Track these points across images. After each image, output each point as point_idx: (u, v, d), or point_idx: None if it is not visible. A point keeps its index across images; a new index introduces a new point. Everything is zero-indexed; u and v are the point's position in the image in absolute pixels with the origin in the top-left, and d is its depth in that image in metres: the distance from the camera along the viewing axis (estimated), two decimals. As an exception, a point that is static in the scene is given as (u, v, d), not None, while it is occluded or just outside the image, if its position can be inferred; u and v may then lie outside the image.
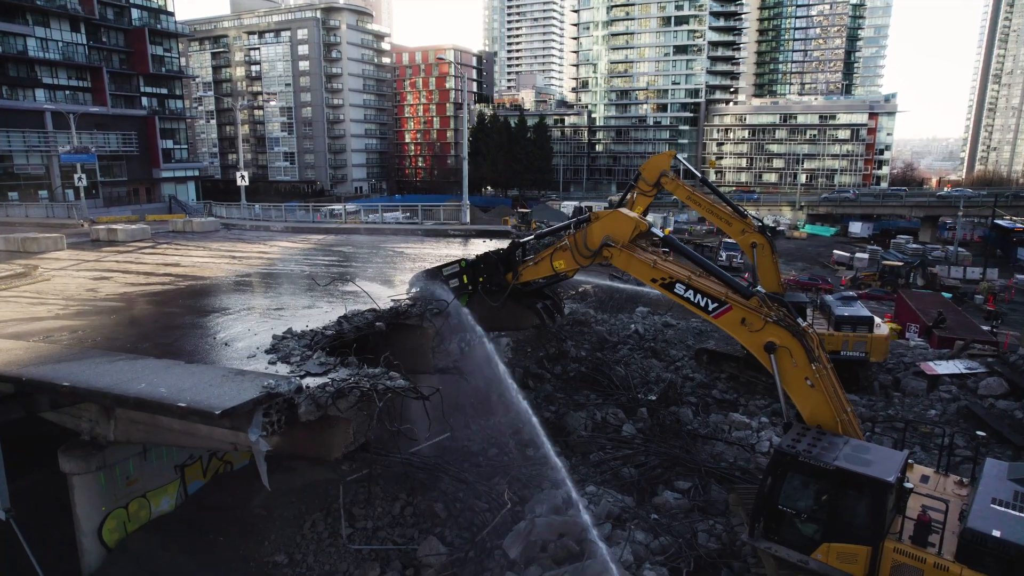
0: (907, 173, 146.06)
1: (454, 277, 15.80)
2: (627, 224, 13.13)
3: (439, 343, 15.58)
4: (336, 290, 18.08)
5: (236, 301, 17.39)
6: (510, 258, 15.89)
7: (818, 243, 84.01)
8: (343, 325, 14.43)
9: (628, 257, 13.02)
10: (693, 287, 11.97)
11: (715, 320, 11.83)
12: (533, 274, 15.40)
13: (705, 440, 17.32)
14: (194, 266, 23.74)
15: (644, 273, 12.76)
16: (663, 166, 22.72)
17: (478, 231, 31.54)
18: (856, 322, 20.15)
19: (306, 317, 15.15)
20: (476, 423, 18.55)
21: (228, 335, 13.94)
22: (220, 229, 37.90)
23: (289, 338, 13.46)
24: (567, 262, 14.35)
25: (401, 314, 15.33)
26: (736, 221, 21.73)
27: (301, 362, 11.85)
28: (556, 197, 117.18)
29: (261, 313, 15.81)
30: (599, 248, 13.42)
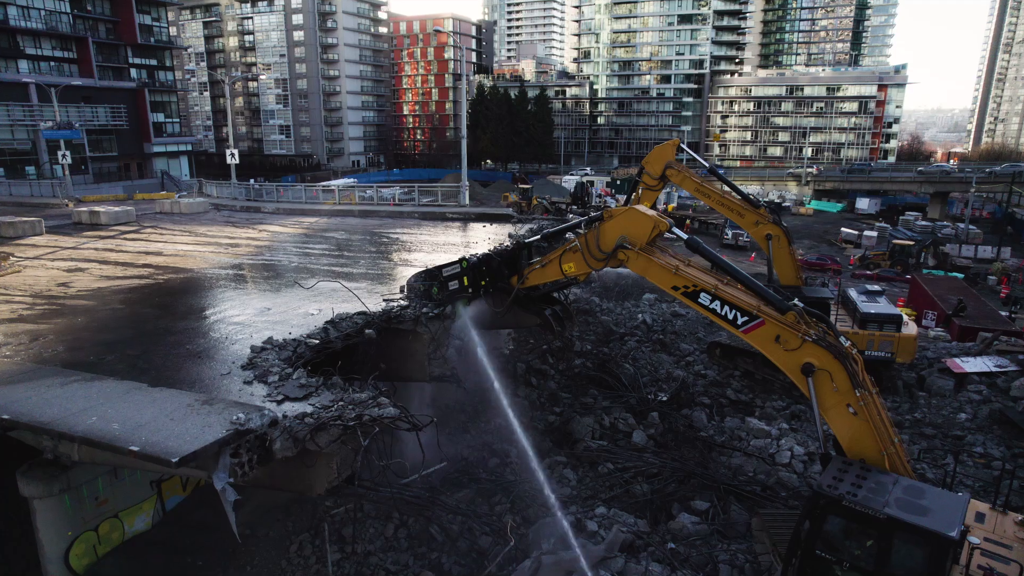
0: (914, 146, 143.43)
1: (454, 279, 14.43)
2: (645, 224, 11.77)
3: (435, 349, 14.31)
4: (324, 286, 16.74)
5: (216, 300, 16.08)
6: (515, 260, 14.47)
7: (825, 220, 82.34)
8: (329, 332, 13.15)
9: (646, 261, 11.68)
10: (720, 298, 10.66)
11: (744, 335, 10.54)
12: (540, 278, 14.06)
13: (721, 450, 16.17)
14: (177, 255, 22.36)
15: (664, 280, 11.44)
16: (667, 156, 21.18)
17: (477, 214, 30.07)
18: (883, 320, 18.86)
19: (290, 322, 13.85)
20: (475, 427, 17.40)
21: (203, 345, 12.65)
22: (209, 210, 36.42)
23: (269, 349, 12.19)
24: (578, 265, 12.99)
25: (393, 318, 14.04)
26: (749, 212, 20.30)
27: (280, 382, 10.59)
28: (557, 170, 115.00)
29: (241, 316, 14.50)
30: (614, 250, 12.08)
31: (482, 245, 22.70)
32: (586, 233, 12.70)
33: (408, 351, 14.33)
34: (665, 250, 12.13)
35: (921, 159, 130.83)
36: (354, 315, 14.03)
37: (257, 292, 16.75)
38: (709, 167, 21.56)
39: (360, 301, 14.46)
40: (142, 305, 15.89)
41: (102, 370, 11.26)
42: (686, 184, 21.01)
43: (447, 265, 14.65)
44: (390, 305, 14.74)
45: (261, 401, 9.94)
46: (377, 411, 9.52)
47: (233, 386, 10.53)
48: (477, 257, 14.69)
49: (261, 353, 11.97)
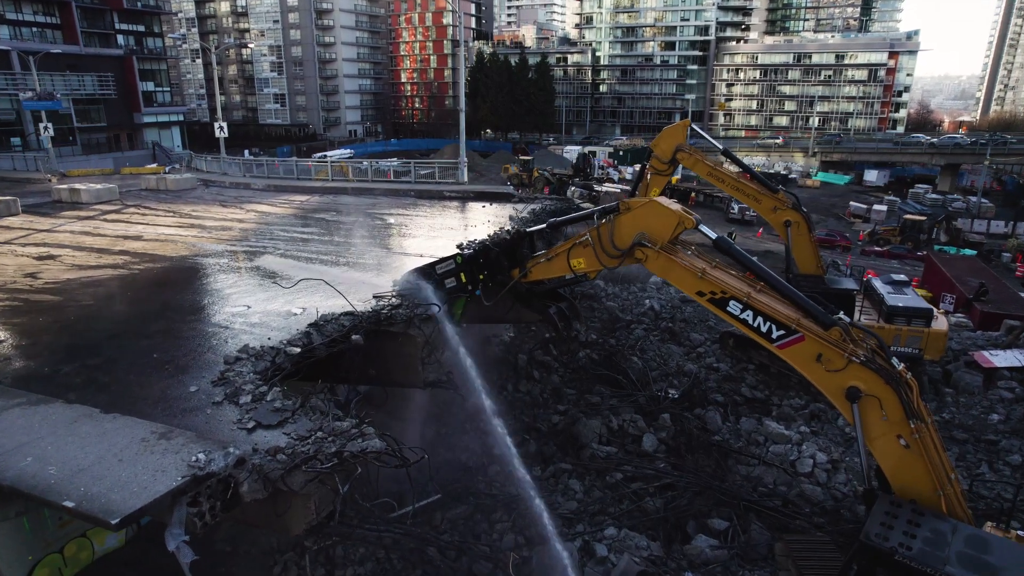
0: (923, 115, 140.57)
1: (450, 276, 13.12)
2: (667, 219, 10.43)
3: (429, 353, 13.09)
4: (310, 279, 15.44)
5: (192, 297, 14.81)
6: (516, 251, 13.12)
7: (832, 192, 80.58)
8: (312, 337, 11.90)
9: (668, 262, 10.37)
10: (753, 307, 9.39)
11: (780, 351, 9.31)
12: (545, 272, 12.68)
13: (738, 456, 15.08)
14: (157, 240, 21.01)
15: (688, 284, 10.15)
16: (678, 139, 19.64)
17: (476, 193, 28.60)
18: (912, 314, 17.59)
19: (270, 324, 12.60)
20: (475, 428, 16.28)
21: (172, 352, 11.41)
22: (197, 187, 34.91)
23: (245, 359, 10.96)
24: (588, 262, 11.64)
25: (384, 320, 12.78)
26: (766, 197, 18.90)
27: (253, 403, 9.39)
28: (557, 141, 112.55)
29: (219, 316, 13.25)
30: (631, 248, 10.74)
31: (481, 229, 21.34)
32: (599, 226, 11.32)
33: (400, 355, 13.11)
34: (689, 248, 10.80)
35: (929, 128, 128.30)
36: (340, 316, 12.77)
37: (238, 287, 15.46)
38: (723, 149, 20.06)
39: (347, 300, 13.17)
40: (113, 301, 14.62)
41: (56, 386, 10.06)
42: (698, 168, 19.54)
43: (441, 261, 13.34)
44: (380, 304, 13.48)
45: (230, 428, 8.76)
46: (361, 443, 8.33)
47: (200, 408, 9.33)
48: (473, 249, 13.26)
49: (235, 364, 10.75)
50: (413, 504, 9.81)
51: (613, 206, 11.24)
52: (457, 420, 16.76)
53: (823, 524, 12.42)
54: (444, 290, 13.27)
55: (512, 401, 18.67)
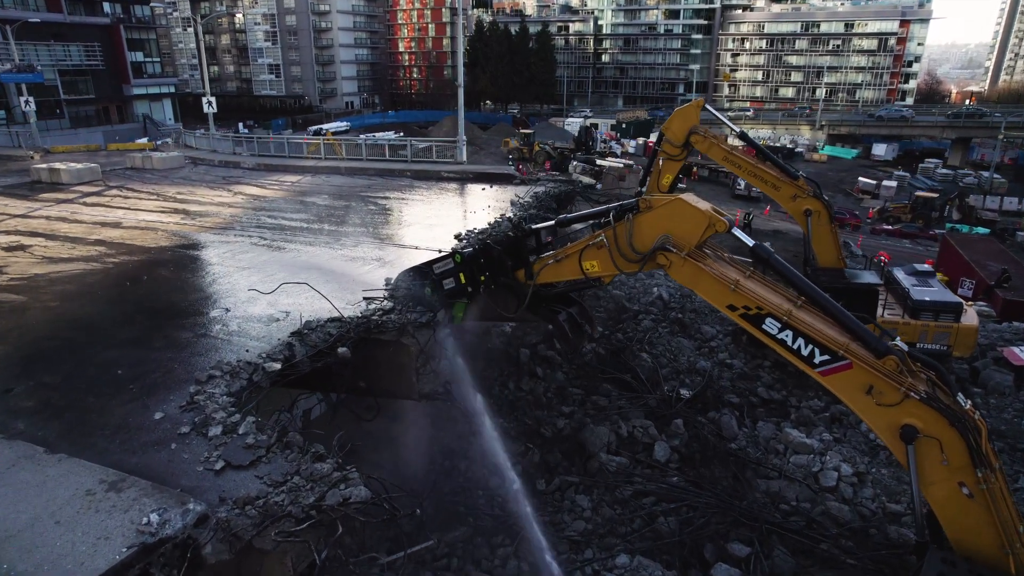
0: (932, 86, 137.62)
1: (449, 276, 11.91)
2: (696, 221, 9.15)
3: (425, 363, 11.97)
4: (293, 279, 14.26)
5: (167, 298, 13.60)
6: (520, 250, 11.85)
7: (839, 167, 78.90)
8: (294, 349, 10.78)
9: (695, 271, 9.13)
10: (794, 327, 8.22)
11: (822, 379, 8.17)
12: (554, 275, 11.42)
13: (757, 468, 14.08)
14: (136, 228, 19.75)
15: (718, 296, 8.94)
16: (691, 121, 18.20)
17: (476, 174, 27.22)
18: (939, 309, 16.44)
19: (249, 332, 11.45)
20: (473, 434, 15.23)
21: (140, 368, 10.27)
22: (185, 166, 33.48)
23: (219, 377, 9.84)
24: (603, 265, 10.40)
25: (374, 327, 11.64)
26: (785, 184, 17.58)
27: (223, 436, 8.29)
28: (558, 112, 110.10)
29: (194, 322, 12.08)
30: (652, 251, 9.51)
31: (482, 216, 20.08)
32: (616, 226, 10.05)
33: (393, 364, 12.00)
34: (720, 254, 9.55)
35: (938, 100, 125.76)
36: (326, 322, 11.63)
37: (218, 286, 14.26)
38: (740, 132, 18.66)
39: (333, 306, 12.00)
40: (81, 302, 13.44)
41: (3, 411, 8.95)
42: (713, 152, 18.16)
43: (438, 260, 12.12)
44: (371, 307, 12.33)
45: (195, 469, 7.68)
46: (343, 491, 7.26)
47: (163, 441, 8.23)
48: (473, 248, 12.02)
49: (207, 384, 9.63)
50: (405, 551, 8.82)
51: (632, 203, 9.95)
52: (456, 426, 15.70)
53: (852, 549, 11.46)
54: (442, 291, 12.08)
55: (514, 400, 17.61)
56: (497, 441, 13.00)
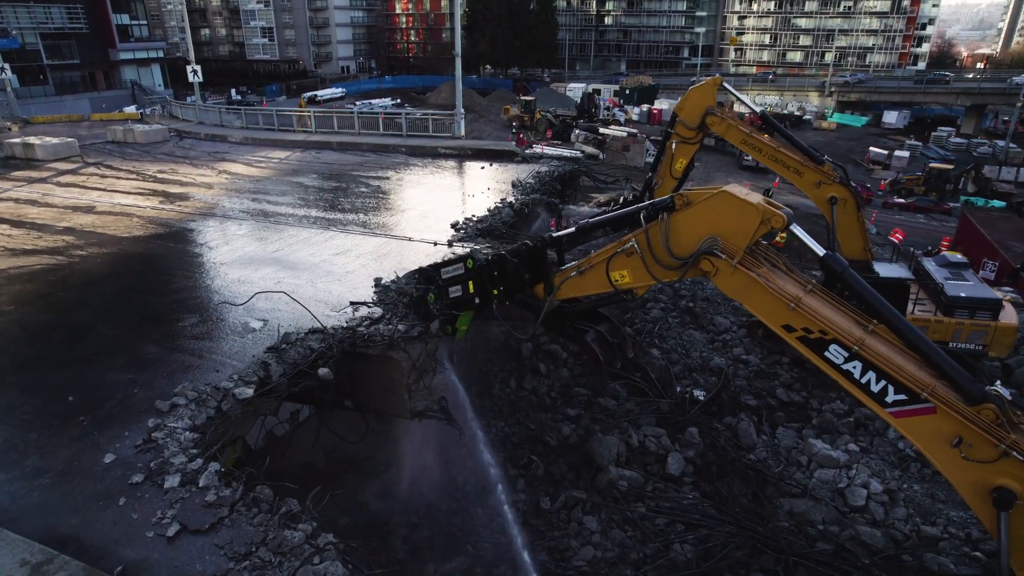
0: (944, 49, 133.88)
1: (456, 283, 10.51)
2: (746, 216, 7.51)
3: (417, 378, 10.80)
4: (273, 279, 13.00)
5: (134, 300, 12.35)
6: (539, 262, 10.11)
7: (849, 135, 76.67)
8: (271, 369, 9.58)
9: (747, 283, 7.65)
10: (865, 359, 6.95)
11: (894, 420, 6.92)
12: (577, 289, 9.71)
13: (778, 483, 13.02)
14: (111, 213, 18.41)
15: (774, 314, 7.54)
16: (707, 101, 16.58)
17: (475, 151, 25.69)
18: (976, 306, 15.19)
19: (220, 348, 10.24)
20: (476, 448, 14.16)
21: (94, 394, 9.09)
22: (169, 139, 31.90)
23: (182, 406, 8.67)
24: (636, 274, 8.78)
25: (360, 341, 10.43)
26: (809, 170, 16.13)
27: (181, 489, 7.14)
28: (561, 76, 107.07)
29: (160, 333, 10.86)
30: (695, 256, 7.95)
31: (481, 200, 18.70)
32: (648, 228, 8.43)
33: (382, 380, 10.83)
34: (775, 260, 8.02)
35: (950, 64, 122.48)
36: (307, 334, 10.43)
37: (190, 286, 12.99)
38: (760, 112, 17.09)
39: (315, 317, 10.77)
40: (39, 307, 12.19)
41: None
42: (731, 135, 16.64)
43: (447, 264, 10.66)
44: (357, 315, 11.11)
45: (144, 534, 6.56)
46: (316, 565, 6.14)
47: (111, 495, 7.10)
48: (487, 258, 10.51)
49: (169, 416, 8.47)
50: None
51: (666, 201, 8.35)
52: (453, 434, 14.61)
53: (888, 582, 10.46)
54: (447, 300, 10.69)
55: (515, 401, 16.49)
56: (495, 468, 11.90)
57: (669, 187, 17.77)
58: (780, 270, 7.87)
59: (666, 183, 17.66)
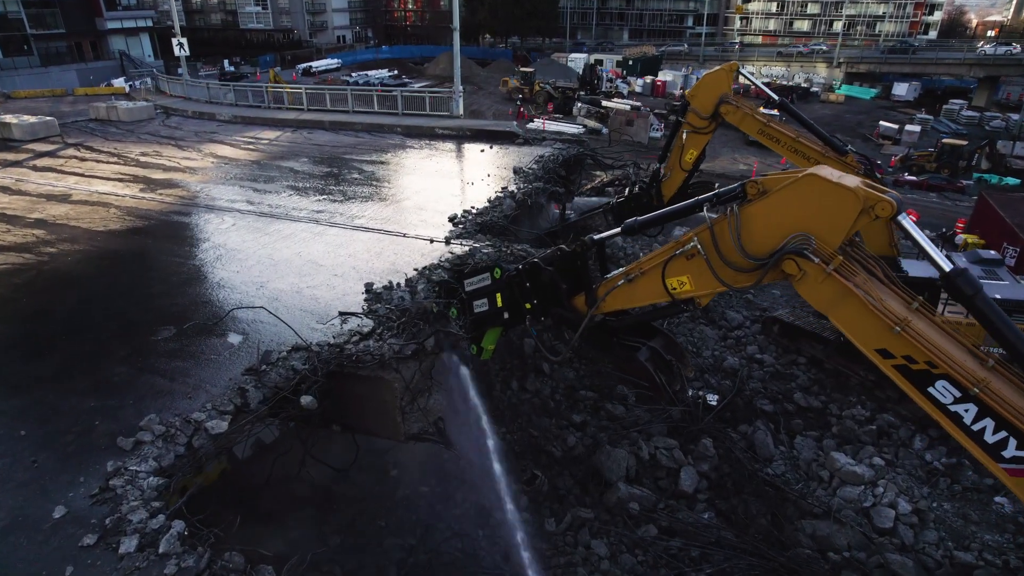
0: (955, 17, 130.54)
1: (482, 296, 9.23)
2: (843, 204, 6.03)
3: (411, 400, 9.87)
4: (252, 284, 11.99)
5: (103, 309, 11.35)
6: (580, 271, 8.54)
7: (857, 108, 74.77)
8: (248, 395, 8.64)
9: (841, 292, 6.11)
10: (986, 404, 5.58)
11: (1010, 479, 5.78)
12: (626, 300, 8.14)
13: (798, 502, 12.19)
14: (87, 202, 17.31)
15: (869, 334, 6.04)
16: (721, 88, 15.30)
17: (474, 131, 24.42)
18: (1012, 308, 14.16)
19: (194, 372, 9.28)
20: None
21: (47, 426, 8.16)
22: (154, 117, 30.53)
23: (147, 443, 7.76)
24: (698, 281, 7.26)
25: (349, 360, 9.47)
26: (831, 161, 14.97)
27: (140, 551, 6.26)
28: (562, 45, 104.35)
29: (127, 350, 9.88)
30: (777, 256, 6.40)
31: (481, 189, 17.58)
32: (714, 223, 6.89)
33: (373, 401, 9.90)
34: (873, 267, 6.34)
35: (961, 33, 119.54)
36: (290, 352, 9.49)
37: (165, 294, 11.97)
38: (779, 100, 15.85)
39: (296, 334, 9.78)
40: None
41: None
42: (747, 124, 15.43)
43: (471, 274, 9.43)
44: (345, 328, 10.15)
45: (93, 615, 5.69)
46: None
47: (55, 562, 6.20)
48: (519, 266, 8.96)
49: (132, 455, 7.57)
50: None
51: (735, 189, 6.90)
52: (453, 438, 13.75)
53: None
54: (471, 315, 9.38)
55: (516, 404, 15.61)
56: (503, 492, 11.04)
57: (678, 180, 16.73)
58: (879, 281, 6.29)
59: (675, 175, 16.59)
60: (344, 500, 11.77)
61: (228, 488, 9.30)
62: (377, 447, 11.22)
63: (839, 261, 6.09)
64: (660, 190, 16.85)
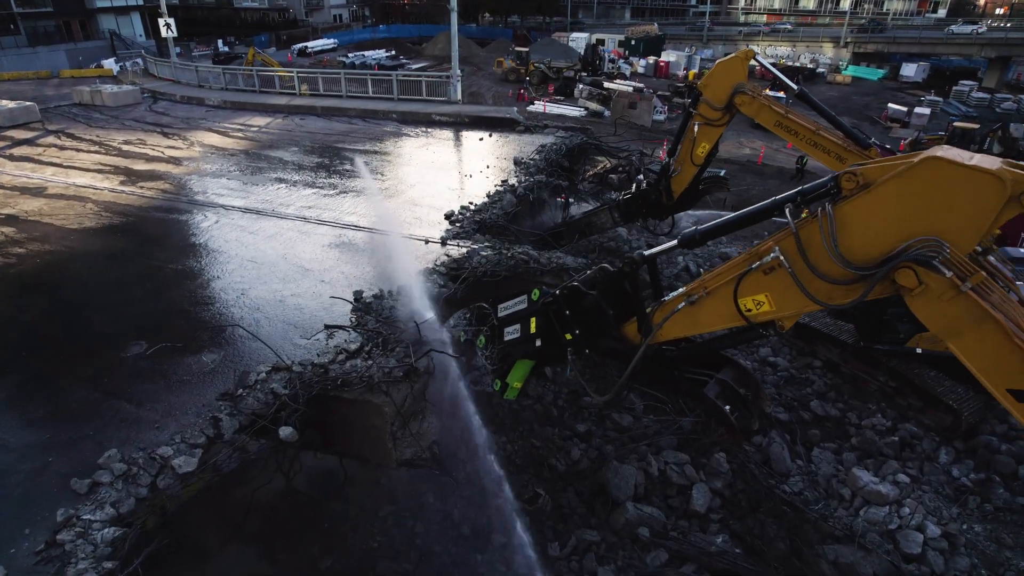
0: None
1: (515, 322, 7.98)
2: (982, 194, 4.67)
3: (403, 424, 9.04)
4: (237, 290, 11.10)
5: (69, 321, 10.47)
6: (630, 293, 7.17)
7: (864, 89, 73.19)
8: (222, 425, 7.80)
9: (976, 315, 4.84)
10: None
11: None
12: (689, 326, 6.80)
13: (818, 523, 11.42)
14: (63, 196, 16.37)
15: (1004, 370, 4.87)
16: (736, 77, 14.12)
17: (472, 118, 23.36)
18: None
19: (165, 398, 8.43)
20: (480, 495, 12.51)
21: (-2, 463, 7.34)
22: (141, 102, 29.44)
23: (106, 486, 6.94)
24: (781, 299, 5.96)
25: (334, 382, 8.62)
26: (853, 156, 13.88)
27: (85, 626, 5.45)
28: (563, 24, 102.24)
29: (90, 376, 9.02)
30: (892, 264, 5.10)
31: (480, 182, 16.62)
32: (799, 226, 5.61)
33: (362, 425, 9.07)
34: (1008, 280, 5.28)
35: (970, 10, 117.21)
36: (269, 373, 8.64)
37: (138, 301, 11.09)
38: (798, 90, 14.74)
39: (276, 354, 8.92)
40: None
41: None
42: (763, 116, 14.28)
43: (508, 298, 8.20)
44: (331, 345, 9.29)
45: None
46: None
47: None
48: (555, 291, 7.55)
49: (87, 500, 6.77)
50: None
51: (825, 184, 5.58)
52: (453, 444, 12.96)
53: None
54: (500, 342, 8.13)
55: (517, 411, 14.80)
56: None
57: (688, 175, 15.67)
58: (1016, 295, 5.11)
59: (685, 170, 15.53)
60: (335, 516, 11.02)
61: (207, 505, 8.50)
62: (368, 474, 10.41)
63: (981, 277, 4.76)
64: (669, 186, 15.84)
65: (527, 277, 11.94)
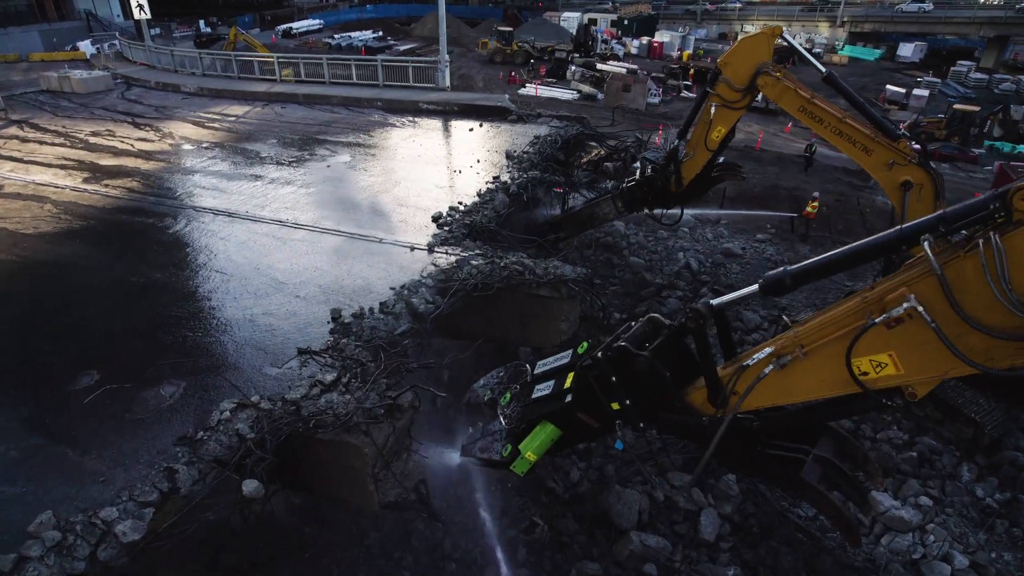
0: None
1: (549, 378, 6.63)
2: None
3: (385, 466, 8.09)
4: (202, 310, 10.07)
5: (13, 351, 9.40)
6: (700, 351, 5.82)
7: (861, 70, 72.05)
8: (179, 477, 6.84)
9: None
10: None
11: None
12: (779, 394, 5.39)
13: (836, 553, 10.63)
14: (20, 196, 15.18)
15: None
16: (760, 56, 13.05)
17: (462, 106, 22.16)
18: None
19: (111, 438, 7.44)
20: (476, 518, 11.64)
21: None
22: (112, 89, 28.00)
23: (35, 560, 5.97)
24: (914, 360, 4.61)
25: (306, 422, 7.65)
26: (880, 147, 12.89)
27: None
28: (554, 4, 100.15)
29: (33, 410, 8.00)
30: None
31: (470, 178, 15.55)
32: (944, 263, 4.27)
33: (340, 466, 8.12)
34: None
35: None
36: (234, 411, 7.65)
37: (91, 321, 10.04)
38: (826, 73, 13.67)
39: (242, 393, 7.93)
40: None
41: None
42: (786, 99, 13.28)
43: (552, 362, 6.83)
44: (305, 374, 8.31)
45: None
46: None
47: None
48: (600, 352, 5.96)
49: (32, 566, 5.80)
50: None
51: (983, 204, 4.23)
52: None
53: None
54: (526, 400, 6.80)
55: (513, 425, 13.87)
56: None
57: (701, 160, 14.48)
58: None
59: (698, 155, 14.36)
60: (318, 545, 10.13)
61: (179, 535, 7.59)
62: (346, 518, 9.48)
63: None
64: (679, 172, 14.66)
65: (522, 290, 10.95)
